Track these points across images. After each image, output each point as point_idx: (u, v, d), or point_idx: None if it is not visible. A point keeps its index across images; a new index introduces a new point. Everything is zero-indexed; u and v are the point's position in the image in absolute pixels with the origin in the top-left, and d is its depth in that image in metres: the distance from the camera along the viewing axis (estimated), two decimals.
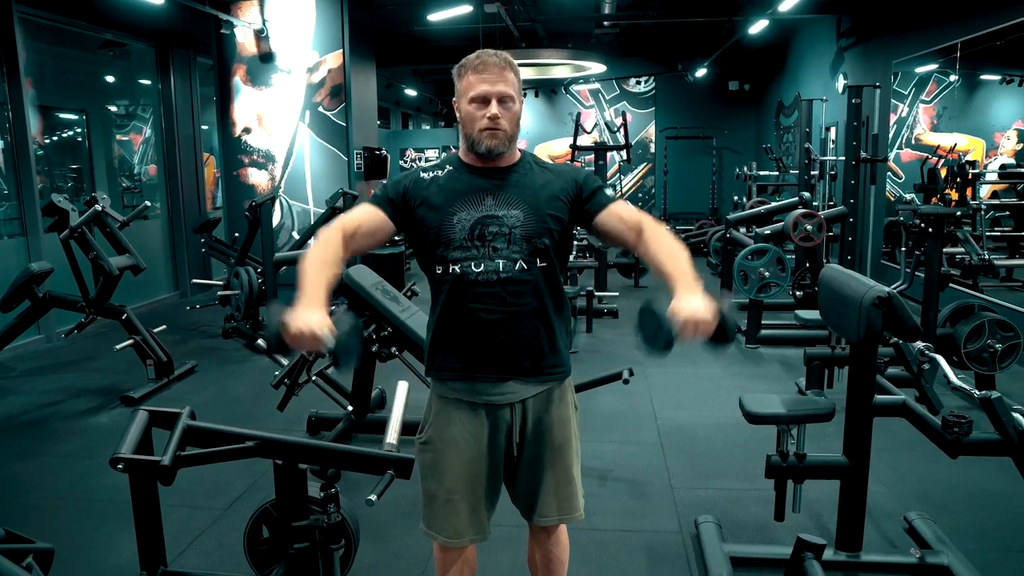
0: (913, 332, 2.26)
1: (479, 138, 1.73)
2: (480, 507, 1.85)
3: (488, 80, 1.71)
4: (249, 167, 7.61)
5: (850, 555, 2.51)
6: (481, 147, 1.74)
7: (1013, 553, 2.71)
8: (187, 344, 5.99)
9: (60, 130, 7.27)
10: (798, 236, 5.55)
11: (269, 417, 4.04)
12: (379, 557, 2.73)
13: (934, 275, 4.36)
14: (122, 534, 2.87)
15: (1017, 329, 4.07)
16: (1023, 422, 2.18)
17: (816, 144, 8.67)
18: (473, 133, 1.74)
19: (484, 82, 1.71)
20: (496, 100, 1.72)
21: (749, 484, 3.28)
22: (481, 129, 1.73)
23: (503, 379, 1.79)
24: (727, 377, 4.93)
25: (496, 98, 1.72)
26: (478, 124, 1.73)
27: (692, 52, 13.03)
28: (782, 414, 2.41)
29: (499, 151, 1.75)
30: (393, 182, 1.84)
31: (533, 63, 10.48)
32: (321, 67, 7.32)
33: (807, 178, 7.70)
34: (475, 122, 1.73)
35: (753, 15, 9.43)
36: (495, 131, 1.73)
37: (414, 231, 1.80)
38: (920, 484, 3.27)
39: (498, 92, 1.72)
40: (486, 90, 1.72)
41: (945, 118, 7.22)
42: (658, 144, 14.34)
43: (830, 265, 2.65)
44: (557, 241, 1.79)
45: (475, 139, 1.74)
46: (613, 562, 2.69)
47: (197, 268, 8.16)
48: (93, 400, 4.59)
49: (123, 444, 1.84)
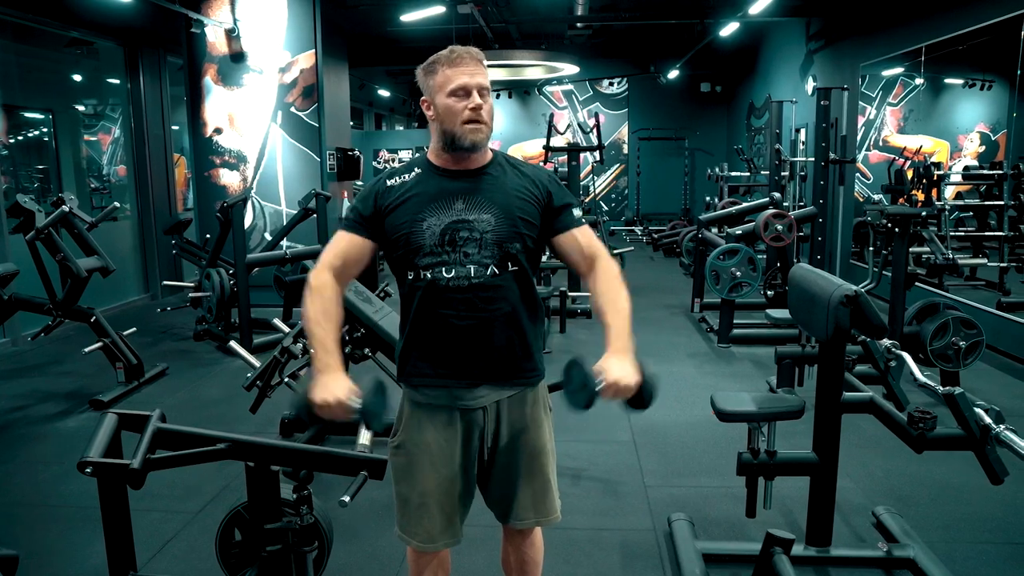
0: (880, 330, 2.30)
1: (462, 132, 1.68)
2: (453, 511, 1.85)
3: (467, 72, 1.68)
4: (221, 168, 7.53)
5: (820, 550, 2.56)
6: (466, 141, 1.69)
7: (976, 544, 2.77)
8: (158, 347, 5.92)
9: (25, 129, 7.14)
10: (769, 236, 5.61)
11: (241, 419, 4.01)
12: (353, 559, 2.72)
13: (901, 274, 4.44)
14: (90, 539, 2.83)
15: (980, 327, 4.16)
16: (985, 417, 2.23)
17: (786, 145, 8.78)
18: (455, 128, 1.69)
19: (463, 74, 1.68)
20: (477, 91, 1.69)
21: (721, 481, 3.31)
22: (464, 122, 1.68)
23: (476, 384, 1.78)
24: (699, 376, 4.98)
25: (477, 89, 1.69)
26: (460, 117, 1.68)
27: (664, 54, 13.15)
28: (753, 412, 2.45)
29: (482, 145, 1.72)
30: (360, 198, 1.81)
31: (506, 64, 10.51)
32: (293, 67, 7.26)
33: (777, 179, 7.81)
34: (456, 116, 1.68)
35: (724, 17, 9.53)
36: (479, 124, 1.69)
37: (384, 238, 1.77)
38: (887, 479, 3.33)
39: (478, 84, 1.69)
40: (466, 81, 1.68)
41: (911, 120, 7.36)
42: (631, 145, 14.44)
43: (800, 265, 2.68)
44: (529, 246, 1.77)
45: (458, 134, 1.69)
46: (587, 561, 2.70)
47: (168, 270, 8.06)
48: (61, 404, 4.51)
49: (91, 447, 1.82)
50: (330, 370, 1.65)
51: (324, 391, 1.61)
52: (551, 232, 1.80)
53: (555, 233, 1.80)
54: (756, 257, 5.73)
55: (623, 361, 1.62)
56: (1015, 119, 5.84)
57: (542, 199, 1.79)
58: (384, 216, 1.75)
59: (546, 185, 1.81)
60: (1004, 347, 5.18)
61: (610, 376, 1.58)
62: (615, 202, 14.60)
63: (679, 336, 6.09)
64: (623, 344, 1.66)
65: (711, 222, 6.83)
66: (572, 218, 1.81)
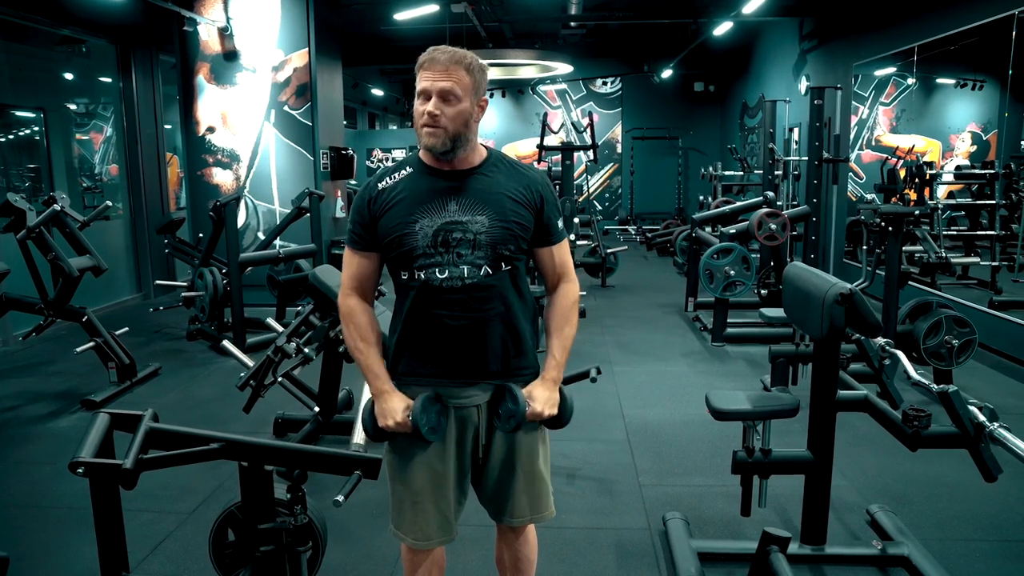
0: (874, 328, 2.30)
1: (419, 135, 1.71)
2: (447, 509, 1.85)
3: (431, 76, 1.68)
4: (213, 167, 7.50)
5: (815, 548, 2.56)
6: (421, 143, 1.72)
7: (970, 542, 2.78)
8: (150, 346, 5.89)
9: (16, 128, 7.09)
10: (763, 235, 5.62)
11: (235, 419, 3.99)
12: (347, 559, 2.71)
13: (894, 273, 4.45)
14: (82, 540, 2.81)
15: (972, 325, 4.17)
16: (979, 416, 2.24)
17: (780, 145, 8.81)
18: (417, 130, 1.72)
19: (427, 78, 1.68)
20: (437, 96, 1.67)
21: (716, 480, 3.32)
22: (421, 125, 1.70)
23: (470, 383, 1.79)
24: (694, 375, 4.98)
25: (437, 94, 1.67)
26: (420, 120, 1.70)
27: (658, 53, 13.16)
28: (748, 411, 2.44)
29: (438, 150, 1.70)
30: (355, 209, 1.82)
31: (500, 63, 10.50)
32: (286, 66, 7.24)
33: (771, 178, 7.82)
34: (418, 118, 1.71)
35: (718, 17, 9.54)
36: (433, 129, 1.68)
37: (379, 240, 1.78)
38: (881, 477, 3.34)
39: (439, 88, 1.67)
40: (427, 86, 1.68)
41: (904, 120, 7.38)
42: (625, 144, 14.45)
43: (794, 263, 2.69)
44: (523, 247, 1.79)
45: (418, 136, 1.73)
46: (582, 560, 2.70)
47: (160, 269, 8.01)
48: (52, 404, 4.49)
49: (83, 447, 1.80)
50: (383, 394, 1.78)
51: (383, 417, 1.77)
52: (533, 241, 1.84)
53: (535, 244, 1.84)
54: (750, 256, 5.74)
55: (550, 391, 1.81)
56: (1006, 119, 5.86)
57: (536, 204, 1.79)
58: (377, 219, 1.76)
59: (541, 191, 1.81)
60: (996, 345, 5.20)
61: (535, 408, 1.77)
62: (609, 201, 14.62)
63: (673, 335, 6.09)
64: (555, 375, 1.84)
65: (705, 221, 6.84)
66: (555, 233, 1.85)
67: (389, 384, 1.79)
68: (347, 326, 1.83)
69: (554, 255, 1.86)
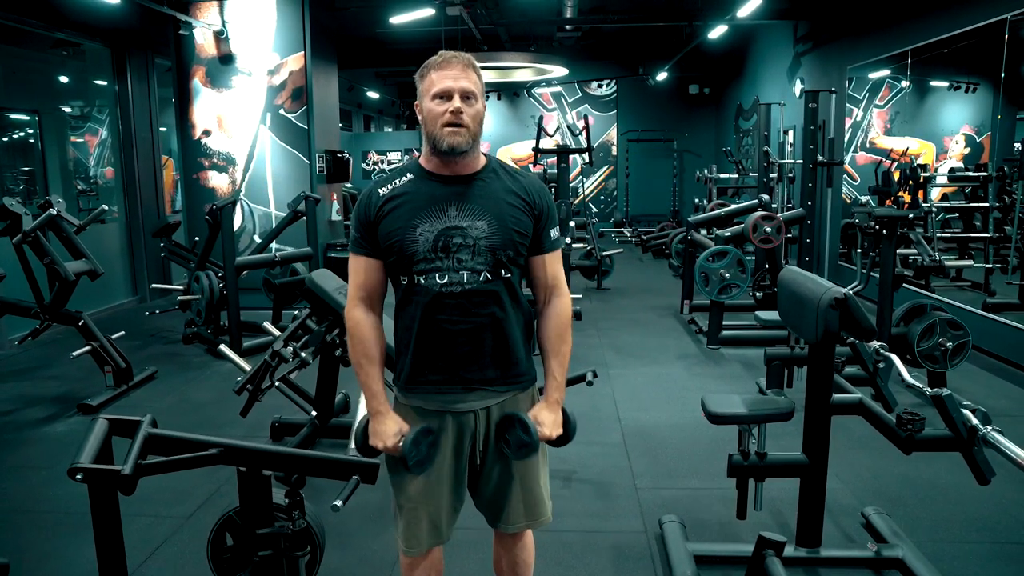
0: (869, 332, 2.32)
1: (441, 135, 1.69)
2: (439, 516, 1.85)
3: (451, 76, 1.70)
4: (209, 170, 7.50)
5: (810, 551, 2.57)
6: (443, 144, 1.70)
7: (964, 544, 2.80)
8: (147, 350, 5.88)
9: (11, 131, 7.07)
10: (758, 238, 5.64)
11: (232, 423, 3.99)
12: (345, 563, 2.71)
13: (888, 276, 4.47)
14: (80, 545, 2.81)
15: (966, 328, 4.20)
16: (972, 419, 2.26)
17: (774, 147, 8.83)
18: (435, 131, 1.70)
19: (447, 78, 1.69)
20: (459, 95, 1.69)
21: (712, 483, 3.33)
22: (443, 124, 1.69)
23: (468, 388, 1.79)
24: (689, 378, 5.00)
25: (459, 93, 1.69)
26: (440, 120, 1.69)
27: (653, 56, 13.18)
28: (743, 414, 2.46)
29: (461, 149, 1.70)
30: (355, 216, 1.81)
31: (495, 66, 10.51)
32: (282, 69, 7.24)
33: (766, 181, 7.85)
34: (437, 119, 1.69)
35: (712, 20, 9.57)
36: (457, 127, 1.69)
37: (379, 246, 1.78)
38: (876, 480, 3.35)
39: (461, 88, 1.69)
40: (449, 85, 1.69)
41: (898, 122, 7.41)
42: (620, 147, 14.47)
43: (789, 267, 2.70)
44: (522, 253, 1.79)
45: (437, 137, 1.70)
46: (579, 563, 2.71)
47: (156, 273, 8.01)
48: (48, 409, 4.48)
49: (82, 453, 1.81)
50: (378, 415, 1.79)
51: (375, 438, 1.78)
52: (527, 249, 1.83)
53: (529, 252, 1.83)
54: (745, 259, 5.76)
55: (556, 413, 1.84)
56: (999, 121, 5.90)
57: (534, 210, 1.80)
58: (377, 224, 1.76)
59: (538, 199, 1.82)
60: (990, 348, 5.23)
61: (543, 431, 1.80)
62: (604, 204, 14.63)
63: (668, 338, 6.11)
64: (558, 396, 1.85)
65: (700, 224, 6.86)
66: (549, 242, 1.85)
67: (385, 405, 1.79)
68: (351, 343, 1.82)
69: (546, 264, 1.85)
